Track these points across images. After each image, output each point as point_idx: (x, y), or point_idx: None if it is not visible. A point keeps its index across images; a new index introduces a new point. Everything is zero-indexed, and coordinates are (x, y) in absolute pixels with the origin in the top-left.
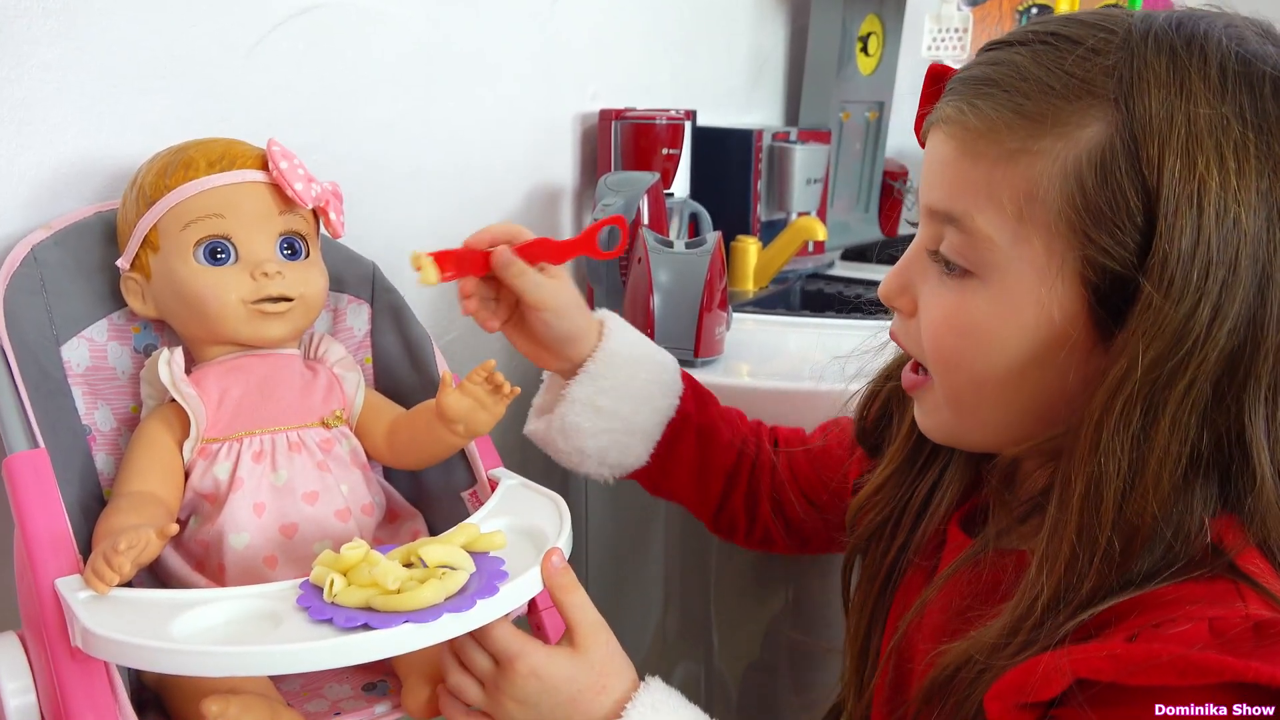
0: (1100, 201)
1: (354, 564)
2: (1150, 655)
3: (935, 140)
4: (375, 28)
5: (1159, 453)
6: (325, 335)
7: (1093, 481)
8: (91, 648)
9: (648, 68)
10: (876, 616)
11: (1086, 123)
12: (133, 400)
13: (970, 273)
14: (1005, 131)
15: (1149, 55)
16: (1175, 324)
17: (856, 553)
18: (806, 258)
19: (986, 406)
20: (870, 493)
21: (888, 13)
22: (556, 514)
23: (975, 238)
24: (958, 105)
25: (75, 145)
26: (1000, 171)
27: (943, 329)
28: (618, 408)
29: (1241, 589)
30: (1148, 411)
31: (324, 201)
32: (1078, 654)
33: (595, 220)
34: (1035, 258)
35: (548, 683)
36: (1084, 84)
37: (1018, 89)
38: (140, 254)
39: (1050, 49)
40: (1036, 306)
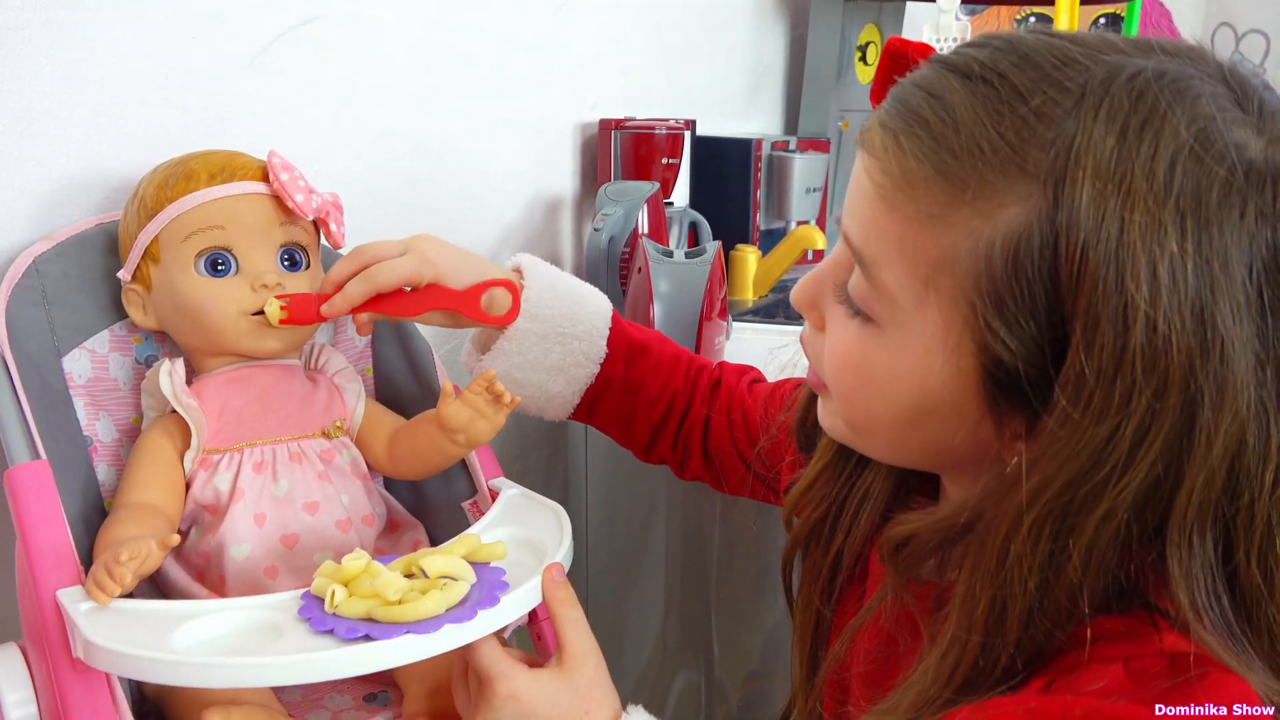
0: (1005, 292)
1: (355, 575)
2: (1064, 709)
3: (860, 167)
4: (375, 39)
5: (1071, 578)
6: (326, 346)
7: (997, 600)
8: (93, 659)
9: (647, 77)
10: (822, 617)
11: (1009, 201)
12: (134, 411)
13: (871, 319)
14: (924, 190)
15: (1095, 133)
16: (1094, 445)
17: (796, 548)
18: (806, 266)
19: (879, 438)
20: (803, 489)
21: (886, 22)
22: (557, 525)
23: (879, 289)
24: (885, 140)
25: (77, 157)
26: (914, 231)
27: (842, 364)
28: (532, 379)
29: (1156, 619)
30: (1058, 535)
31: (324, 213)
32: (994, 708)
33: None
34: (933, 327)
35: (526, 706)
36: (1015, 155)
37: (946, 143)
38: (141, 265)
39: (992, 95)
40: (929, 372)
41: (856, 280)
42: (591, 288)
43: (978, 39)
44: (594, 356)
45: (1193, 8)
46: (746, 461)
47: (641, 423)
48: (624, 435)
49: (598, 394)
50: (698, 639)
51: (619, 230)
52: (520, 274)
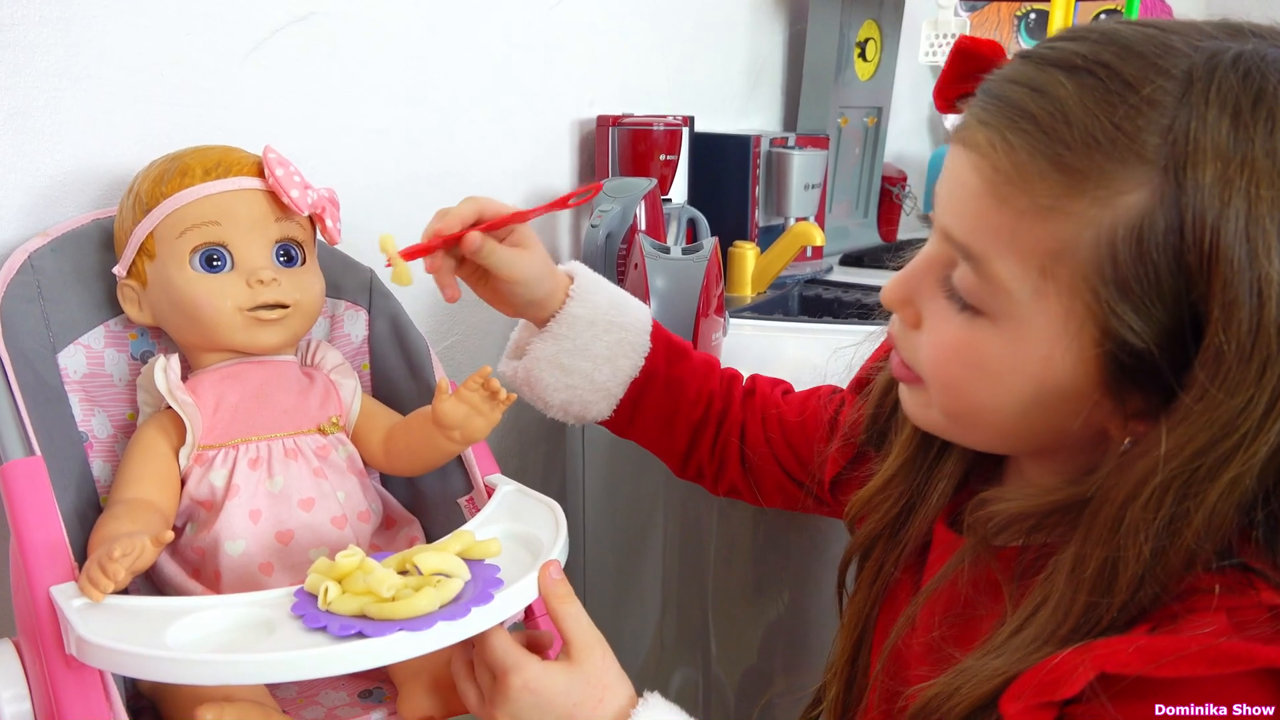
0: (1131, 276)
1: (349, 572)
2: (1179, 646)
3: (961, 164)
4: (371, 34)
5: (1189, 543)
6: (322, 342)
7: (1109, 562)
8: (86, 655)
9: (645, 73)
10: (871, 618)
11: (1129, 188)
12: (129, 407)
13: (981, 312)
14: (1039, 182)
15: (1209, 117)
16: (1225, 417)
17: (857, 551)
18: (804, 263)
19: (983, 428)
20: (877, 488)
21: (885, 18)
22: (553, 521)
23: (991, 283)
24: (990, 136)
25: (71, 153)
26: (1027, 224)
27: (948, 357)
28: (580, 366)
29: (1252, 579)
30: (1181, 500)
31: (320, 208)
32: (1100, 648)
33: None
34: (1052, 316)
35: (542, 697)
36: (1132, 143)
37: (1058, 134)
38: (137, 261)
39: (1099, 86)
40: (1047, 360)
41: (964, 274)
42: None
43: (1066, 33)
44: (639, 349)
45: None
46: (783, 466)
47: (682, 423)
48: (664, 438)
49: (641, 389)
50: (695, 636)
51: (616, 226)
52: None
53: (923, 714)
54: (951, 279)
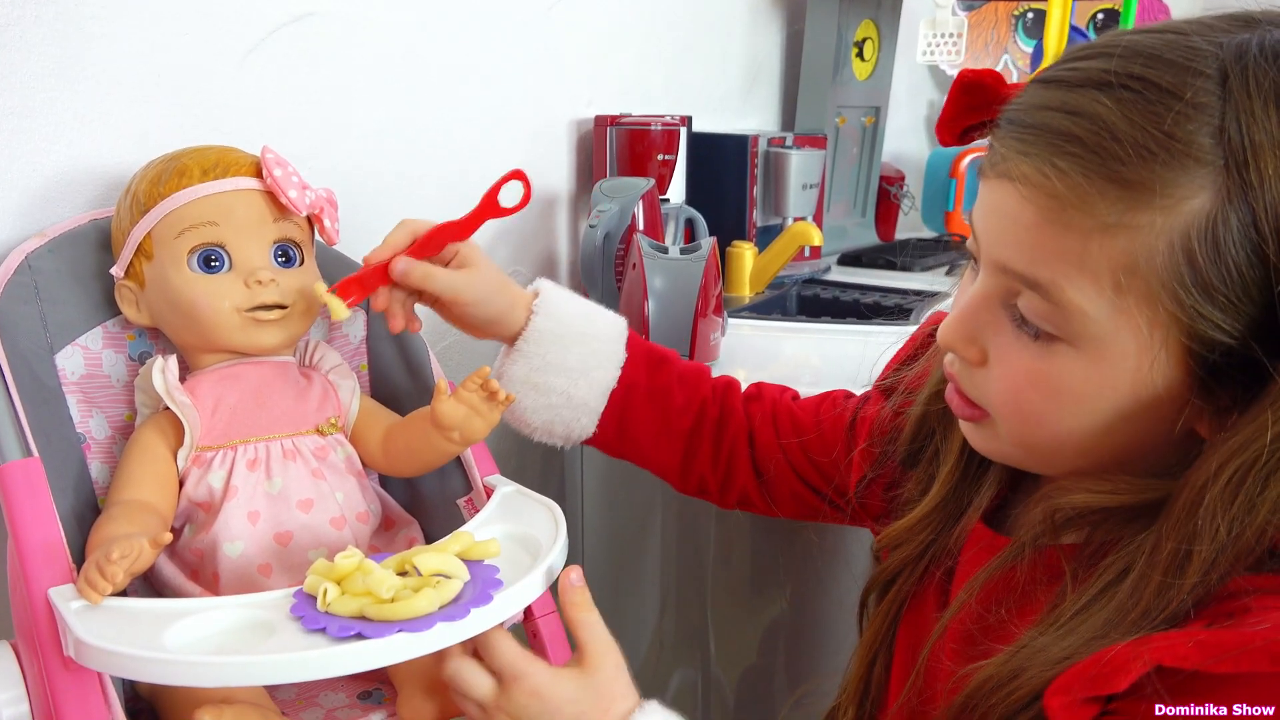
0: (1213, 277)
1: (348, 573)
2: (1241, 640)
3: (1007, 197)
4: (369, 35)
5: (1259, 524)
6: (320, 342)
7: (1183, 545)
8: (84, 658)
9: (643, 73)
10: (889, 637)
11: (1192, 193)
12: (127, 408)
13: (1058, 338)
14: (1100, 201)
15: (1256, 109)
16: None
17: (881, 582)
18: (803, 263)
19: (1065, 453)
20: (915, 521)
21: (883, 18)
22: (552, 521)
23: (1065, 308)
24: (1037, 165)
25: (68, 153)
26: (1095, 244)
27: (1025, 387)
28: (554, 383)
29: None
30: (1262, 483)
31: (318, 209)
32: (1158, 641)
33: None
34: (1136, 330)
35: (549, 704)
36: (1187, 148)
37: (1110, 152)
38: (134, 262)
39: (1139, 99)
40: (1135, 374)
41: (1032, 303)
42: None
43: (1082, 50)
44: (614, 358)
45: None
46: (799, 473)
47: (674, 433)
48: (657, 451)
49: (624, 401)
50: (694, 636)
51: (614, 226)
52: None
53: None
54: (1019, 309)
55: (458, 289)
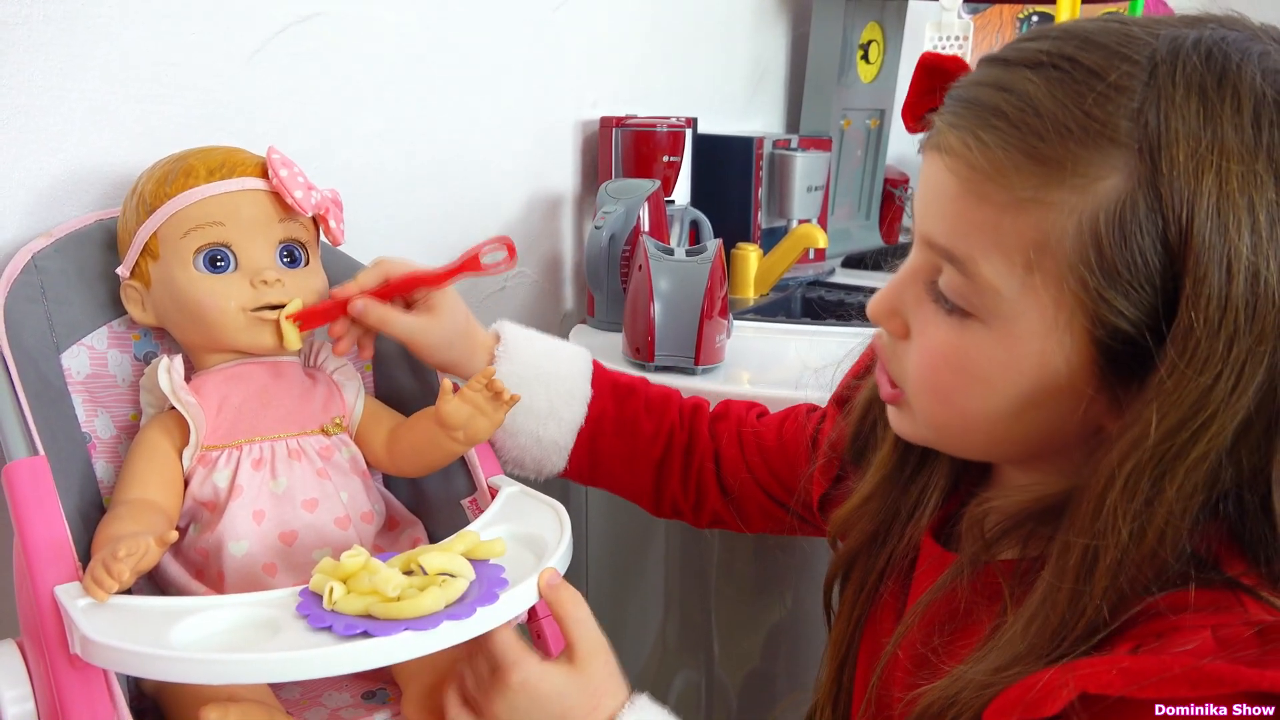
0: (1118, 261)
1: (354, 572)
2: (1162, 667)
3: (935, 169)
4: (375, 36)
5: (1160, 523)
6: (325, 343)
7: (1090, 550)
8: (91, 655)
9: (648, 75)
10: (858, 626)
11: (1105, 173)
12: (132, 408)
13: (970, 314)
14: (1015, 176)
15: (1177, 98)
16: (1194, 395)
17: (841, 568)
18: (807, 265)
19: (975, 435)
20: (857, 504)
21: (889, 20)
22: (557, 522)
23: (978, 283)
24: (962, 137)
25: (75, 153)
26: (1009, 219)
27: (937, 364)
28: (523, 425)
29: (1240, 597)
30: (1155, 482)
31: (324, 209)
32: (1083, 668)
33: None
34: (1043, 310)
35: (537, 697)
36: (1104, 128)
37: (1030, 127)
38: (140, 262)
39: (1066, 79)
40: (1040, 356)
41: (950, 279)
42: (568, 342)
43: (1028, 34)
44: (579, 396)
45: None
46: (765, 490)
47: (643, 462)
48: (629, 481)
49: (592, 437)
50: (698, 638)
51: (620, 228)
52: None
53: None
54: (938, 285)
55: (414, 333)
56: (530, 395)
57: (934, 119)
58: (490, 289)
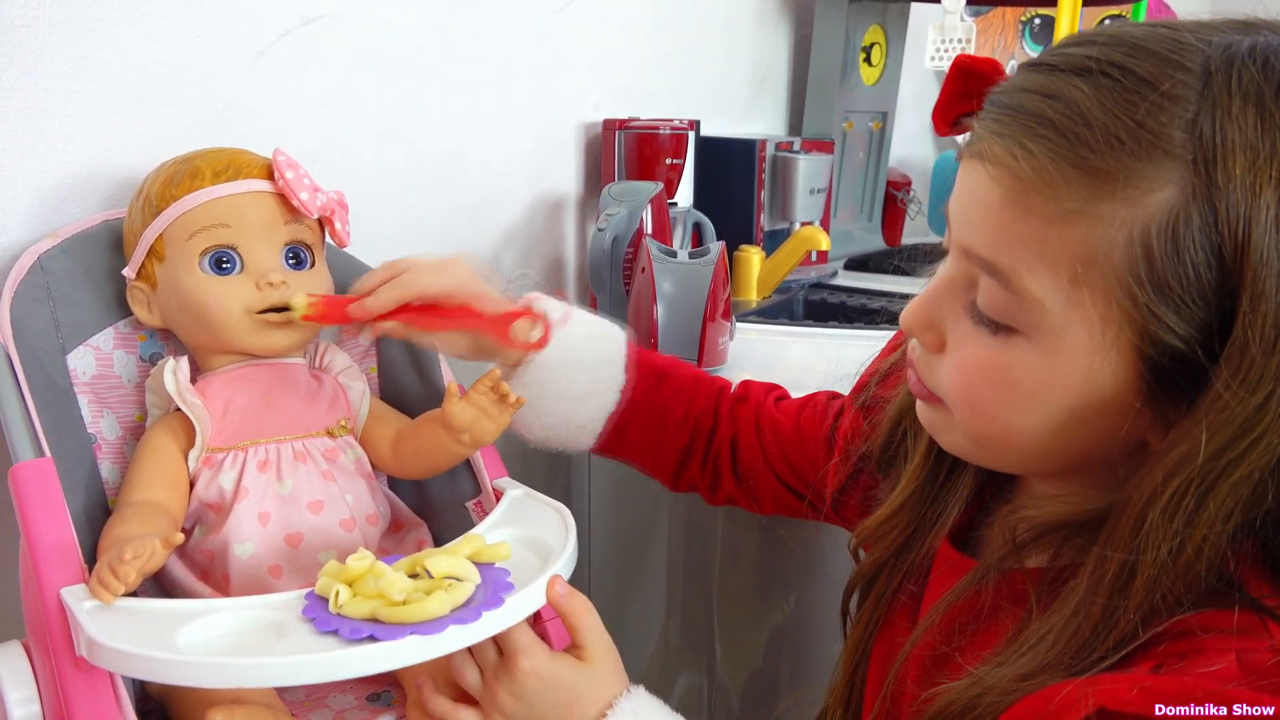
0: (1169, 276)
1: (359, 575)
2: (1182, 688)
3: (977, 178)
4: (379, 38)
5: (1198, 540)
6: (330, 344)
7: (1127, 564)
8: (97, 658)
9: (651, 77)
10: (870, 633)
11: (1158, 186)
12: (138, 409)
13: (1013, 329)
14: (1064, 187)
15: (1234, 109)
16: (1245, 414)
17: (862, 579)
18: (810, 267)
19: (1013, 450)
20: (887, 516)
21: (891, 23)
22: (562, 525)
23: (1023, 298)
24: (1007, 146)
25: (80, 155)
26: (1055, 231)
27: (977, 379)
28: (556, 407)
29: (1266, 622)
30: (1199, 500)
31: (329, 211)
32: (1104, 683)
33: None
34: (1089, 325)
35: (547, 684)
36: (1157, 139)
37: (1080, 137)
38: (146, 263)
39: (1116, 87)
40: (1085, 372)
41: (990, 292)
42: (603, 319)
43: (1074, 38)
44: (615, 383)
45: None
46: (779, 477)
47: (669, 449)
48: (652, 464)
49: (624, 420)
50: (700, 640)
51: (623, 230)
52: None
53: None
54: (976, 304)
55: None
56: (568, 380)
57: (974, 125)
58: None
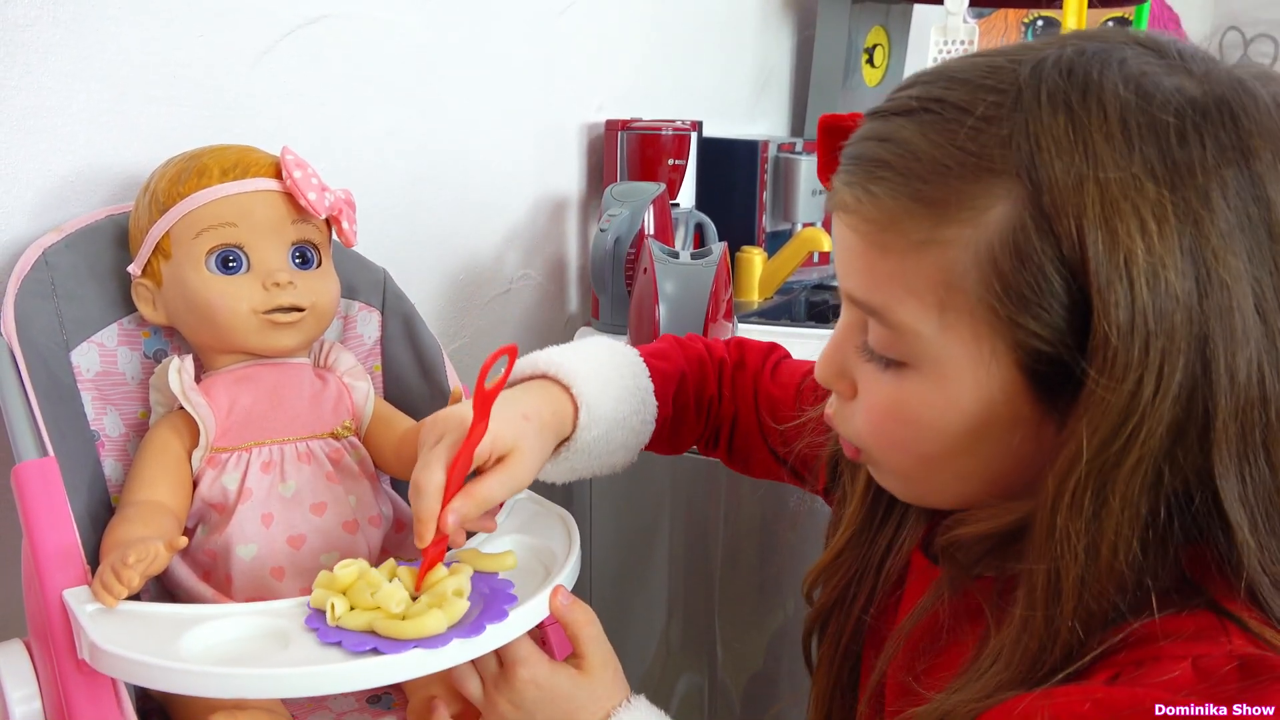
0: (1021, 285)
1: (351, 583)
2: (1134, 701)
3: (839, 227)
4: (383, 38)
5: (1110, 536)
6: (335, 344)
7: (1051, 573)
8: (100, 663)
9: (654, 78)
10: (842, 675)
11: (991, 203)
12: (141, 406)
13: (903, 363)
14: (908, 221)
15: (1045, 118)
16: (1120, 403)
17: (817, 622)
18: (811, 268)
19: (937, 479)
20: (830, 560)
21: (894, 24)
22: (565, 532)
23: (899, 331)
24: (854, 193)
25: (83, 153)
26: (911, 263)
27: (881, 417)
28: (594, 464)
29: (1225, 624)
30: (1098, 495)
31: (337, 210)
32: (1059, 696)
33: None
34: (965, 345)
35: (546, 693)
36: (981, 160)
37: (913, 171)
38: (152, 261)
39: (938, 120)
40: (975, 390)
41: (875, 332)
42: (612, 344)
43: (905, 81)
44: (650, 419)
45: (1200, 11)
46: (775, 451)
47: (686, 439)
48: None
49: (653, 439)
50: (701, 642)
51: (625, 231)
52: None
53: None
54: (867, 342)
55: (518, 485)
56: (608, 443)
57: (833, 179)
58: (495, 291)
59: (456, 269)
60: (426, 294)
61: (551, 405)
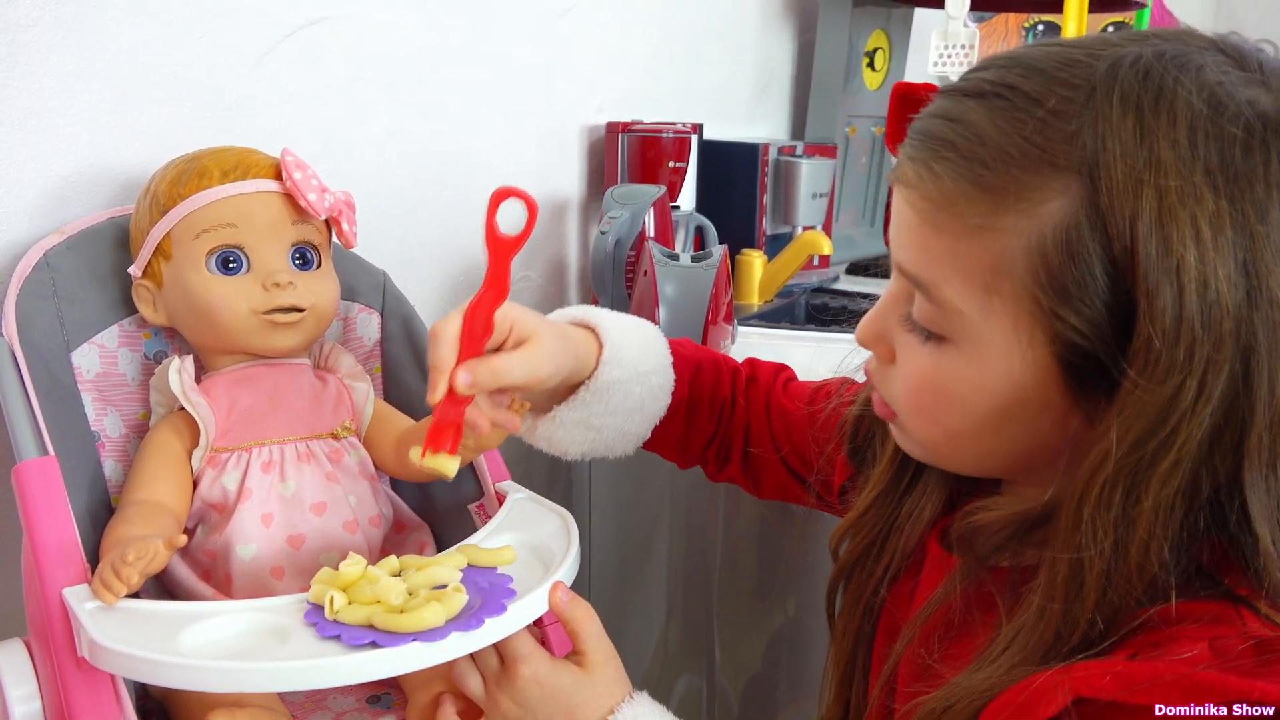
0: (1067, 280)
1: (353, 581)
2: (1154, 673)
3: (899, 200)
4: (384, 39)
5: (1142, 534)
6: (335, 345)
7: (1075, 565)
8: (99, 660)
9: (655, 81)
10: (860, 641)
11: (1049, 196)
12: (142, 407)
13: (944, 337)
14: (965, 204)
15: (1114, 119)
16: (1159, 405)
17: (841, 578)
18: (811, 271)
19: (962, 452)
20: (855, 517)
21: (894, 28)
22: (564, 530)
23: (944, 308)
24: (917, 169)
25: (84, 153)
26: (964, 245)
27: (917, 387)
28: (609, 423)
29: (1240, 610)
30: (1129, 493)
31: (337, 212)
32: (1078, 671)
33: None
34: (1004, 330)
35: (547, 691)
36: (1045, 153)
37: (976, 156)
38: (153, 262)
39: (1008, 107)
40: (1008, 375)
41: (920, 305)
42: (637, 319)
43: (981, 62)
44: (667, 388)
45: (1201, 16)
46: (788, 464)
47: (698, 439)
48: (678, 453)
49: (665, 420)
50: (699, 643)
51: (625, 233)
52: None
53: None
54: (911, 313)
55: (534, 370)
56: (625, 397)
57: (899, 151)
58: None
59: (457, 271)
60: (427, 296)
61: (578, 334)
